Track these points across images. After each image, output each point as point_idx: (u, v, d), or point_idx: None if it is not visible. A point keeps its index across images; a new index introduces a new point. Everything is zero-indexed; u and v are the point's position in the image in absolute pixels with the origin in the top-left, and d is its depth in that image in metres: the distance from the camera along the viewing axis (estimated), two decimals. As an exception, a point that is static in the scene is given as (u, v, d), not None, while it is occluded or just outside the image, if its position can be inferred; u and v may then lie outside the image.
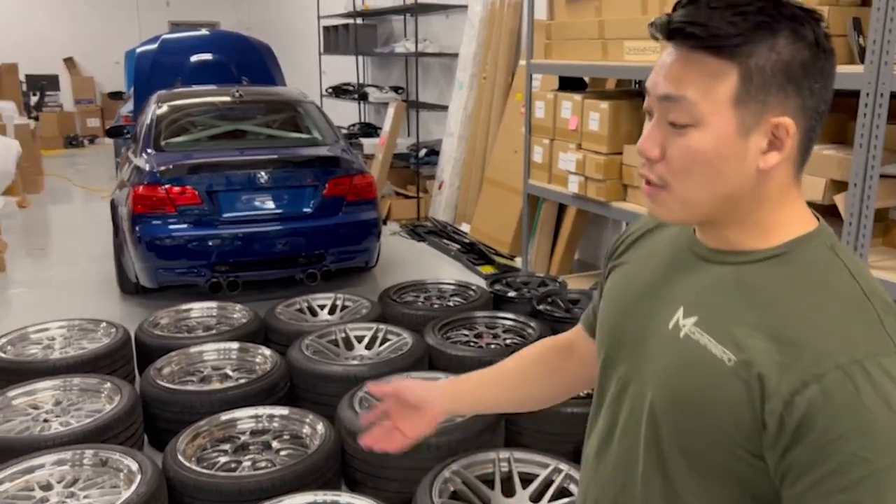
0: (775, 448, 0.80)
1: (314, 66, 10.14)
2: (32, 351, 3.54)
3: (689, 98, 0.84)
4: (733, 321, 0.85)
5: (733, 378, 0.82)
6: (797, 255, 0.87)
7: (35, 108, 12.58)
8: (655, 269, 0.99)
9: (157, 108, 5.19)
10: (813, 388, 0.77)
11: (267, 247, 4.57)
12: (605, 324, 1.05)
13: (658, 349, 0.92)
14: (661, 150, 0.87)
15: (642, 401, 0.93)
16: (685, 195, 0.88)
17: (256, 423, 2.87)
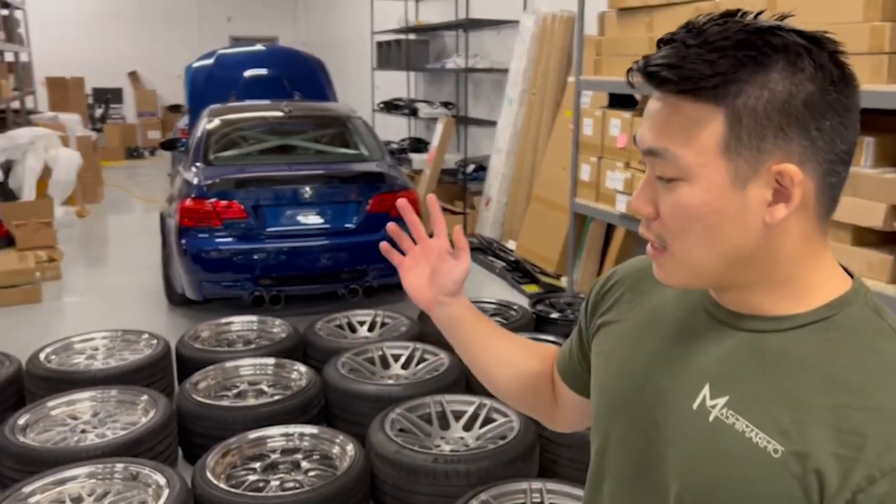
0: None
1: (367, 81, 10.22)
2: (76, 360, 3.60)
3: (671, 150, 0.74)
4: (775, 403, 0.74)
5: (782, 472, 0.71)
6: (839, 320, 0.76)
7: (100, 121, 13.00)
8: (666, 335, 0.87)
9: (208, 122, 5.27)
10: (882, 484, 0.67)
11: (310, 262, 4.58)
12: (607, 393, 0.92)
13: (681, 433, 0.80)
14: (655, 207, 0.78)
15: (662, 490, 0.82)
16: (686, 257, 0.78)
17: (287, 442, 2.84)
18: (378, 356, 3.58)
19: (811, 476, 0.70)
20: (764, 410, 0.74)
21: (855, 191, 2.96)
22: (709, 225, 0.75)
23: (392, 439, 2.70)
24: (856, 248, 3.01)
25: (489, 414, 2.99)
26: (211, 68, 7.44)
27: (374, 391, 3.15)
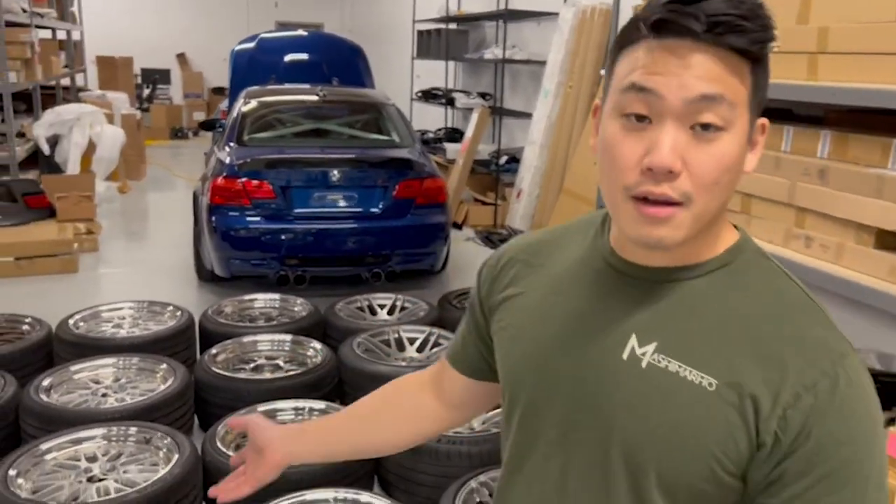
0: (767, 462, 0.77)
1: (407, 70, 10.27)
2: (103, 328, 3.72)
3: (727, 98, 0.76)
4: (701, 342, 0.81)
5: (720, 403, 0.78)
6: (738, 264, 0.84)
7: (147, 100, 13.28)
8: (578, 297, 0.90)
9: (245, 104, 5.37)
10: (806, 398, 0.76)
11: (335, 244, 4.65)
12: (523, 364, 0.93)
13: (617, 384, 0.83)
14: (682, 162, 0.77)
15: (605, 443, 0.84)
16: (705, 209, 0.79)
17: (297, 416, 2.91)
18: (394, 339, 3.63)
19: (747, 402, 0.77)
20: (692, 350, 0.80)
21: (880, 193, 2.91)
22: (734, 175, 0.79)
23: (398, 419, 2.75)
24: (879, 251, 2.96)
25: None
26: (252, 52, 7.57)
27: (387, 371, 3.19)
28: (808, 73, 3.21)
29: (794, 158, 3.31)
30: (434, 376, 1.16)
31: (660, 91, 0.76)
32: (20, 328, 3.64)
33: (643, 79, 0.77)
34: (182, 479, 2.40)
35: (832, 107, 3.59)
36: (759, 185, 3.47)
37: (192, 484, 2.46)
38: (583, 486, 0.87)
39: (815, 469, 0.75)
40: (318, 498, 2.32)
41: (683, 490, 0.80)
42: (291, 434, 1.16)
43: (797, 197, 3.27)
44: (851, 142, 3.12)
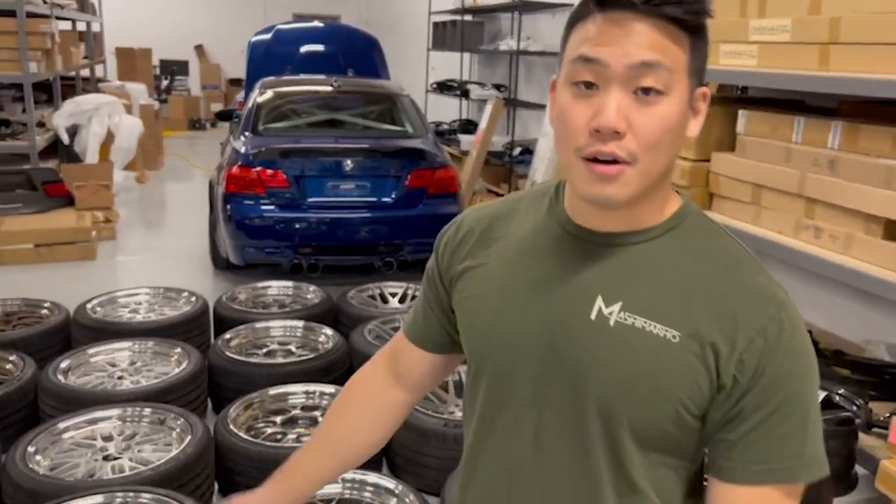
0: (727, 402, 0.86)
1: (423, 62, 10.29)
2: (119, 313, 3.79)
3: (665, 64, 0.83)
4: (661, 299, 0.88)
5: (684, 352, 0.86)
6: (684, 226, 0.92)
7: (165, 91, 13.40)
8: (541, 264, 0.95)
9: (260, 94, 5.42)
10: (758, 341, 0.85)
11: (348, 233, 4.70)
12: (491, 332, 0.98)
13: (587, 343, 0.89)
14: (627, 123, 0.84)
15: (582, 399, 0.89)
16: (651, 168, 0.86)
17: (307, 399, 2.96)
18: (404, 326, 3.67)
19: (708, 349, 0.86)
20: (654, 307, 0.87)
21: (889, 184, 2.91)
22: (675, 137, 0.85)
23: (406, 403, 2.79)
24: (888, 242, 2.96)
25: (505, 386, 3.05)
26: (269, 43, 7.63)
27: (396, 358, 3.24)
28: (820, 64, 3.21)
29: (804, 149, 3.32)
30: (388, 361, 1.19)
31: (605, 60, 0.83)
32: (39, 312, 3.72)
33: (590, 50, 0.84)
34: (195, 458, 2.46)
35: (844, 97, 3.59)
36: (769, 175, 3.47)
37: (204, 463, 2.52)
38: (558, 440, 0.92)
39: (769, 402, 0.85)
40: (328, 477, 2.37)
41: (653, 433, 0.88)
42: (275, 497, 1.15)
43: (807, 187, 3.28)
44: (862, 132, 3.12)
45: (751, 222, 3.62)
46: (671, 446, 0.90)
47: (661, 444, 0.90)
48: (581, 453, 0.91)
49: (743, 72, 3.69)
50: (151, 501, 2.15)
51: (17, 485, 2.28)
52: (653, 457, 0.90)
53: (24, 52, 6.32)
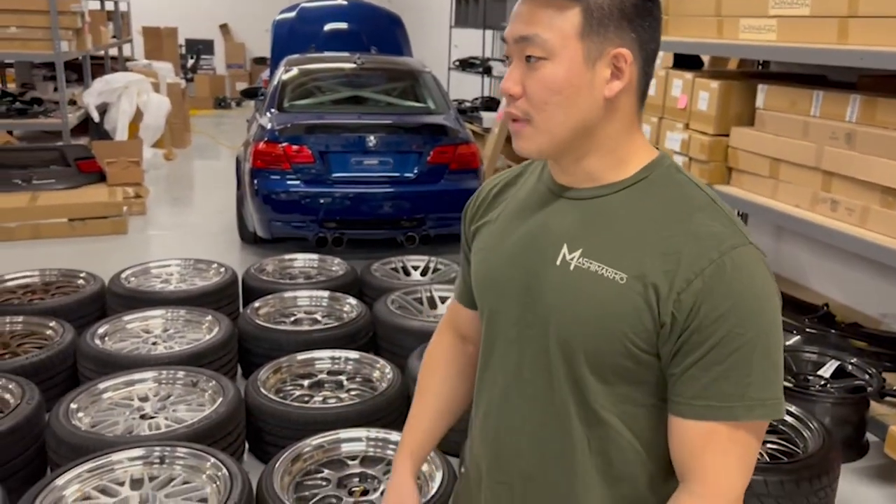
0: (670, 338, 0.94)
1: (444, 39, 10.31)
2: (152, 283, 3.94)
3: (540, 34, 0.94)
4: (616, 246, 0.97)
5: (629, 292, 0.95)
6: (653, 178, 1.00)
7: (191, 70, 13.55)
8: (528, 218, 1.06)
9: (285, 71, 5.52)
10: (696, 282, 0.92)
11: (371, 207, 4.80)
12: (487, 278, 1.10)
13: (551, 286, 0.99)
14: (522, 87, 0.97)
15: (546, 335, 1.00)
16: (546, 125, 0.96)
17: (333, 364, 3.08)
18: (426, 297, 3.78)
19: (650, 290, 0.94)
20: (608, 252, 0.96)
21: (884, 151, 2.94)
22: (567, 97, 0.94)
23: (428, 368, 2.90)
24: (884, 209, 3.00)
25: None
26: (293, 21, 7.71)
27: (419, 326, 3.35)
28: (839, 37, 3.23)
29: (821, 122, 3.35)
30: (449, 327, 1.31)
31: (507, 37, 0.99)
32: (75, 282, 3.87)
33: (505, 32, 0.99)
34: (227, 417, 2.59)
35: (864, 71, 3.60)
36: (787, 149, 3.51)
37: (236, 422, 2.65)
38: (533, 373, 1.03)
39: (707, 340, 0.91)
40: (352, 436, 2.49)
41: (608, 367, 0.97)
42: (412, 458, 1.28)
43: (824, 161, 3.31)
44: (879, 105, 3.15)
45: (768, 196, 3.66)
46: (631, 380, 0.98)
47: (620, 377, 0.98)
48: (550, 387, 1.01)
49: (763, 46, 3.72)
50: (186, 455, 2.28)
51: (60, 439, 2.43)
52: (617, 391, 0.98)
53: (55, 31, 6.47)
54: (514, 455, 1.08)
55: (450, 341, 1.30)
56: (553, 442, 1.03)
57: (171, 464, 2.27)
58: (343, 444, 2.47)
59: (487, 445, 1.12)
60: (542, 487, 1.05)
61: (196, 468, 2.26)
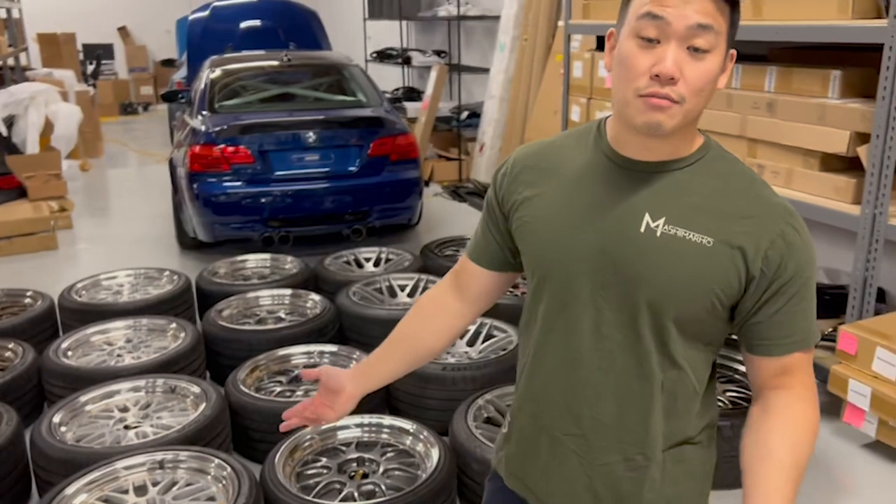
0: (757, 292, 1.10)
1: (359, 31, 10.31)
2: (103, 295, 3.86)
3: (714, 28, 1.03)
4: (697, 214, 1.10)
5: (717, 255, 1.08)
6: (709, 157, 1.15)
7: (91, 77, 13.02)
8: (593, 190, 1.15)
9: (211, 72, 5.45)
10: (778, 241, 1.09)
11: (315, 203, 4.82)
12: (550, 246, 1.17)
13: (639, 250, 1.10)
14: (681, 71, 1.03)
15: (635, 295, 1.11)
16: (692, 108, 1.06)
17: (308, 359, 3.13)
18: (386, 286, 3.86)
19: (736, 252, 1.08)
20: (691, 220, 1.09)
21: (822, 120, 3.22)
22: (712, 87, 1.07)
23: (404, 353, 2.99)
24: (823, 173, 3.28)
25: (490, 331, 3.28)
26: (206, 21, 7.56)
27: (386, 315, 3.43)
28: (754, 13, 3.48)
29: (743, 94, 3.60)
30: (453, 279, 1.40)
31: (668, 18, 1.03)
32: (22, 301, 3.76)
33: (657, 9, 1.03)
34: (215, 418, 2.61)
35: (774, 45, 3.89)
36: (712, 120, 3.76)
37: (222, 423, 2.68)
38: (614, 330, 1.14)
39: (790, 290, 1.10)
40: (350, 423, 2.56)
41: (692, 321, 1.12)
42: (359, 375, 1.39)
43: (748, 129, 3.57)
44: (795, 75, 3.42)
45: (699, 165, 3.90)
46: (703, 331, 1.14)
47: (695, 329, 1.13)
48: (634, 339, 1.13)
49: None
50: (188, 458, 2.30)
51: (49, 457, 2.40)
52: (689, 340, 1.13)
53: (-45, 44, 6.14)
54: (589, 406, 1.18)
55: (444, 294, 1.39)
56: (633, 388, 1.15)
57: (174, 468, 2.29)
58: (338, 432, 2.54)
59: (553, 403, 1.22)
60: (616, 431, 1.17)
61: (200, 470, 2.29)
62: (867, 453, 2.87)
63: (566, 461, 1.22)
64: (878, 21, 2.93)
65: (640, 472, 1.18)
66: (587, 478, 1.21)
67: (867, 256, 3.05)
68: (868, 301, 3.12)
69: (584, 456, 1.20)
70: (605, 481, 1.20)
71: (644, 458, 1.17)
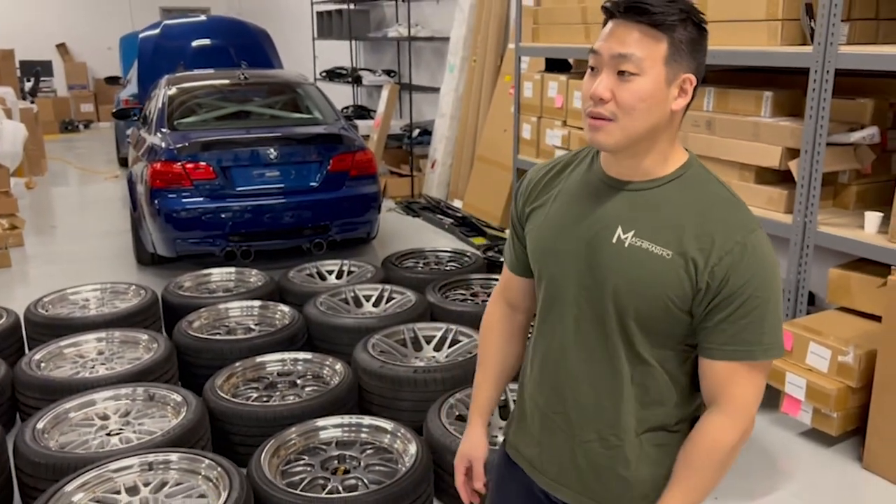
0: (704, 300, 1.24)
1: (307, 51, 10.43)
2: (70, 309, 3.89)
3: (637, 54, 1.20)
4: (662, 229, 1.26)
5: (673, 265, 1.24)
6: (687, 175, 1.29)
7: (30, 94, 12.77)
8: (582, 203, 1.34)
9: (168, 89, 5.51)
10: (726, 258, 1.22)
11: (277, 218, 4.93)
12: (548, 250, 1.36)
13: (609, 258, 1.29)
14: (611, 93, 1.21)
15: (604, 296, 1.29)
16: (627, 126, 1.23)
17: (283, 366, 3.24)
18: (351, 297, 4.00)
19: (690, 263, 1.23)
20: (656, 234, 1.26)
21: (756, 136, 3.52)
22: (648, 106, 1.22)
23: (376, 358, 3.14)
24: (758, 185, 3.57)
25: (455, 336, 3.45)
26: (157, 39, 7.60)
27: (354, 323, 3.57)
28: (693, 40, 3.77)
29: (685, 113, 3.88)
30: (501, 298, 1.59)
31: (600, 51, 1.24)
32: (-14, 316, 3.76)
33: (596, 45, 1.25)
34: (196, 424, 2.71)
35: (713, 67, 4.20)
36: (657, 137, 4.03)
37: (204, 428, 2.77)
38: (590, 326, 1.33)
39: (734, 302, 1.22)
40: (330, 423, 2.69)
41: (650, 320, 1.28)
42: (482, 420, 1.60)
43: (689, 145, 3.85)
44: (731, 96, 3.72)
45: (645, 179, 4.17)
46: (666, 330, 1.27)
47: (657, 328, 1.27)
48: (604, 334, 1.32)
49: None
50: (180, 459, 2.40)
51: (34, 463, 2.46)
52: (654, 338, 1.28)
53: None
54: (572, 389, 1.36)
55: (501, 311, 1.59)
56: (605, 377, 1.33)
57: (164, 469, 2.38)
58: (320, 433, 2.67)
59: (545, 384, 1.40)
60: (593, 413, 1.35)
61: (190, 470, 2.39)
62: (803, 440, 3.14)
63: (555, 436, 1.41)
64: (804, 47, 3.24)
65: (614, 451, 1.35)
66: (572, 452, 1.39)
67: (799, 261, 3.34)
68: (801, 302, 3.41)
69: (568, 432, 1.39)
70: (585, 456, 1.38)
71: (617, 439, 1.35)
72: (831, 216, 3.41)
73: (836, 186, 3.57)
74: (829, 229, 3.24)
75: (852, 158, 3.37)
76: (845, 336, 2.99)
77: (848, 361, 2.92)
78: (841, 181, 3.57)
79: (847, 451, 3.05)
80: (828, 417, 2.98)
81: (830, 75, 3.10)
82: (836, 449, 3.07)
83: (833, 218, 3.38)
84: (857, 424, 3.00)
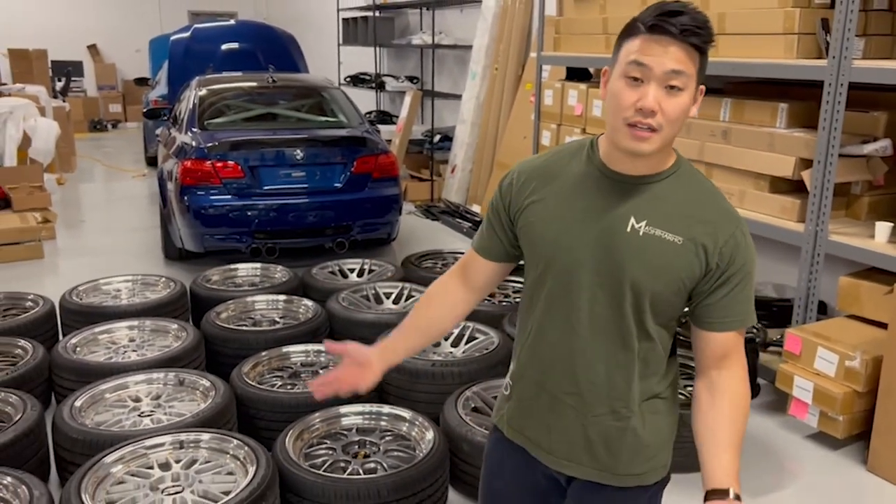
0: (711, 279, 1.40)
1: (332, 56, 10.62)
2: (103, 299, 4.05)
3: (686, 72, 1.32)
4: (671, 218, 1.39)
5: (685, 251, 1.39)
6: (680, 171, 1.44)
7: (61, 93, 13.06)
8: (589, 196, 1.44)
9: (199, 91, 5.68)
10: (730, 241, 1.40)
11: (301, 217, 5.07)
12: (555, 242, 1.45)
13: (626, 246, 1.40)
14: (659, 106, 1.31)
15: (622, 281, 1.40)
16: (667, 135, 1.35)
17: (306, 357, 3.37)
18: (372, 294, 4.13)
19: (700, 248, 1.39)
20: (667, 223, 1.39)
21: (771, 147, 3.61)
22: (685, 117, 1.35)
23: (396, 351, 3.26)
24: (772, 194, 3.66)
25: (472, 334, 3.57)
26: (188, 42, 7.80)
27: (374, 318, 3.70)
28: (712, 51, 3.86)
29: (701, 122, 3.99)
30: (461, 271, 1.67)
31: (650, 65, 1.32)
32: (24, 304, 3.93)
33: (642, 58, 1.33)
34: (224, 408, 2.84)
35: (729, 79, 4.30)
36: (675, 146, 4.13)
37: (231, 411, 2.90)
38: (605, 308, 1.44)
39: (735, 279, 1.41)
40: (352, 411, 2.81)
41: (663, 301, 1.42)
42: (382, 349, 1.65)
43: (706, 154, 3.95)
44: (747, 107, 3.82)
45: (661, 187, 4.27)
46: (669, 310, 1.43)
47: (664, 308, 1.42)
48: (619, 316, 1.43)
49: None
50: (210, 438, 2.53)
51: (72, 438, 2.60)
52: (659, 317, 1.44)
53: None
54: (585, 370, 1.47)
55: (452, 284, 1.67)
56: (618, 354, 1.45)
57: (195, 447, 2.52)
58: (341, 419, 2.79)
59: (556, 368, 1.50)
60: (606, 389, 1.47)
61: (219, 450, 2.51)
62: (810, 442, 3.22)
63: (564, 415, 1.51)
64: (819, 61, 3.33)
65: (625, 421, 1.48)
66: (582, 427, 1.50)
67: (810, 269, 3.43)
68: (811, 309, 3.49)
69: (580, 410, 1.50)
70: (596, 429, 1.49)
71: (627, 410, 1.47)
72: (843, 226, 3.49)
73: (848, 197, 3.65)
74: (841, 238, 3.32)
75: (865, 170, 3.45)
76: (853, 342, 3.08)
77: (855, 366, 3.00)
78: (854, 192, 3.65)
79: (852, 454, 3.12)
80: (834, 421, 3.06)
81: (844, 88, 3.19)
82: (842, 452, 3.15)
83: (845, 228, 3.46)
84: (863, 428, 3.08)
